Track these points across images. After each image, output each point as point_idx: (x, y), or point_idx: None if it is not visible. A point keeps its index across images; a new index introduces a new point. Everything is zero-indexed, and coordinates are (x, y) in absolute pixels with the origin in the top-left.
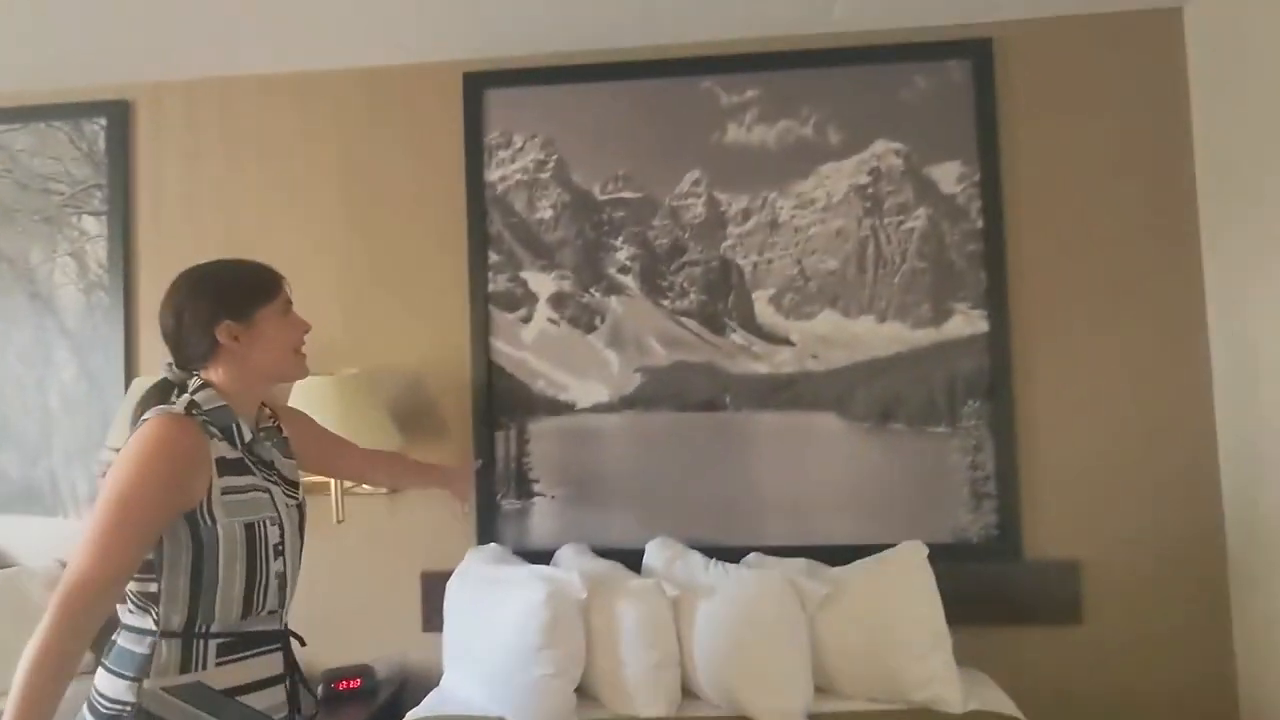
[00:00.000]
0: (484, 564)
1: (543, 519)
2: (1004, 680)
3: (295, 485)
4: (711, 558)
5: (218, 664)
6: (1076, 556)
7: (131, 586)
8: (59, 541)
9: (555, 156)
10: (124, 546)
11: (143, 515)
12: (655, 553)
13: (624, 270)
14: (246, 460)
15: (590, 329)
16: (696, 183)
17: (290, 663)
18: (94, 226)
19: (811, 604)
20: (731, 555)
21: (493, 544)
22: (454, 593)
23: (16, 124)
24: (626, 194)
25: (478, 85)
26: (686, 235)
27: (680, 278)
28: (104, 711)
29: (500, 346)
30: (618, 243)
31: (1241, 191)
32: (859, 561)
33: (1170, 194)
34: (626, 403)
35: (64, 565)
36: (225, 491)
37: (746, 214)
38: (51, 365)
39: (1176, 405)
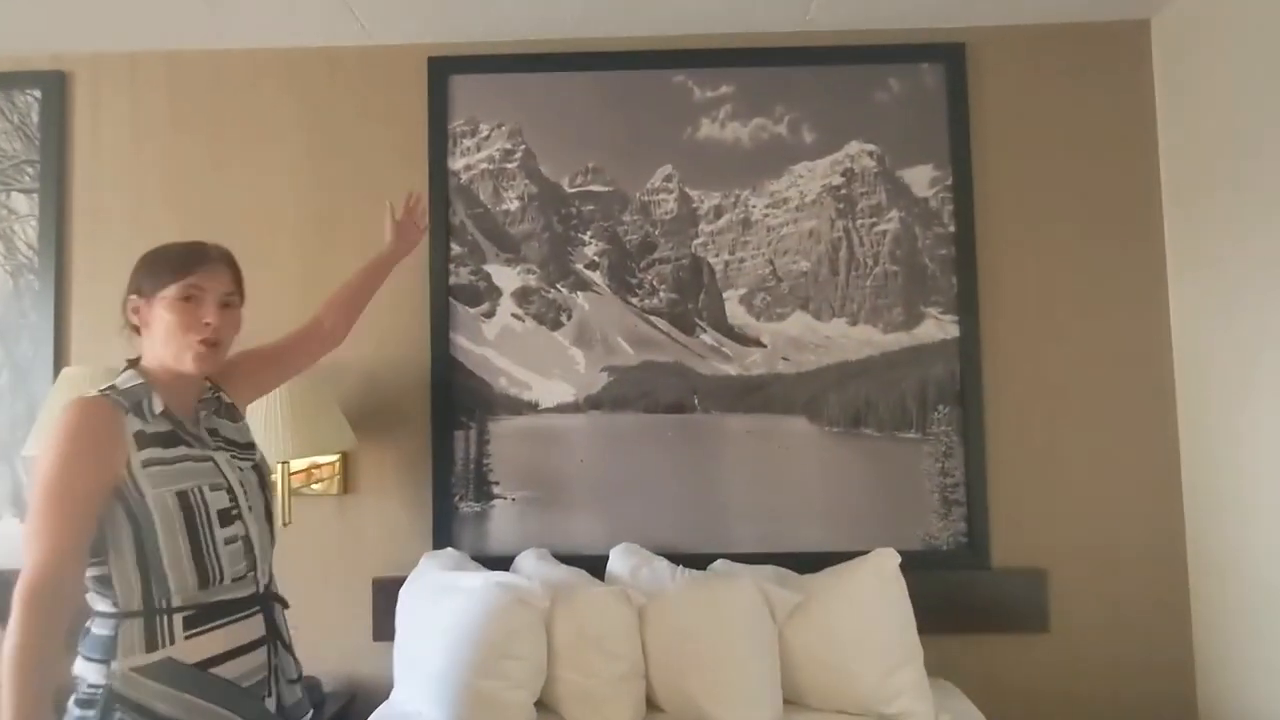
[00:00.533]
0: (439, 570)
1: (502, 523)
2: (971, 689)
3: (248, 446)
4: (678, 565)
5: (186, 637)
6: (1042, 565)
7: (89, 573)
8: None
9: (523, 146)
10: (61, 532)
11: (70, 498)
12: (620, 559)
13: (592, 266)
14: (178, 433)
15: (556, 326)
16: (668, 178)
17: (271, 626)
18: (23, 205)
19: (782, 613)
20: (698, 562)
21: (449, 549)
22: (407, 600)
23: None
24: (596, 187)
25: (443, 70)
26: (657, 231)
27: (650, 275)
28: (83, 697)
29: (461, 342)
30: (586, 237)
31: (1203, 200)
32: (830, 569)
33: (1136, 202)
34: (592, 403)
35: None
36: (148, 464)
37: (719, 211)
38: None
39: (1140, 413)
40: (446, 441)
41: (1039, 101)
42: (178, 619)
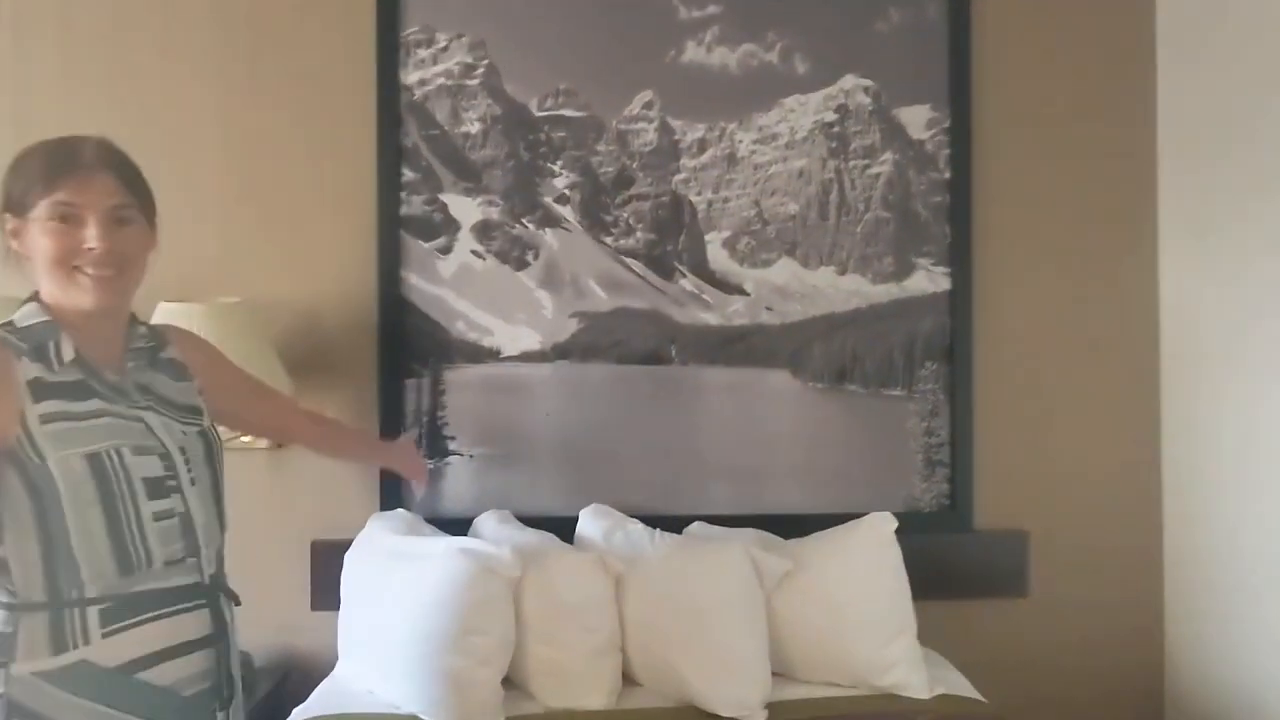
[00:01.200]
0: (391, 533)
1: (458, 482)
2: (952, 655)
3: (191, 410)
4: (654, 528)
5: (104, 634)
6: (1024, 527)
7: None
8: None
9: (486, 61)
10: None
11: None
12: (590, 522)
13: (562, 200)
14: (91, 383)
15: (521, 265)
16: (648, 105)
17: (220, 624)
18: None
19: (771, 581)
20: (673, 524)
21: (400, 510)
22: (353, 566)
23: None
24: (568, 112)
25: None
26: (635, 165)
27: (626, 212)
28: None
29: (413, 280)
30: (556, 168)
31: (1202, 169)
32: (820, 534)
33: (1133, 163)
34: (560, 351)
35: None
36: (48, 418)
37: (702, 145)
38: None
39: (1125, 378)
40: (396, 391)
41: (1043, 50)
42: (92, 612)
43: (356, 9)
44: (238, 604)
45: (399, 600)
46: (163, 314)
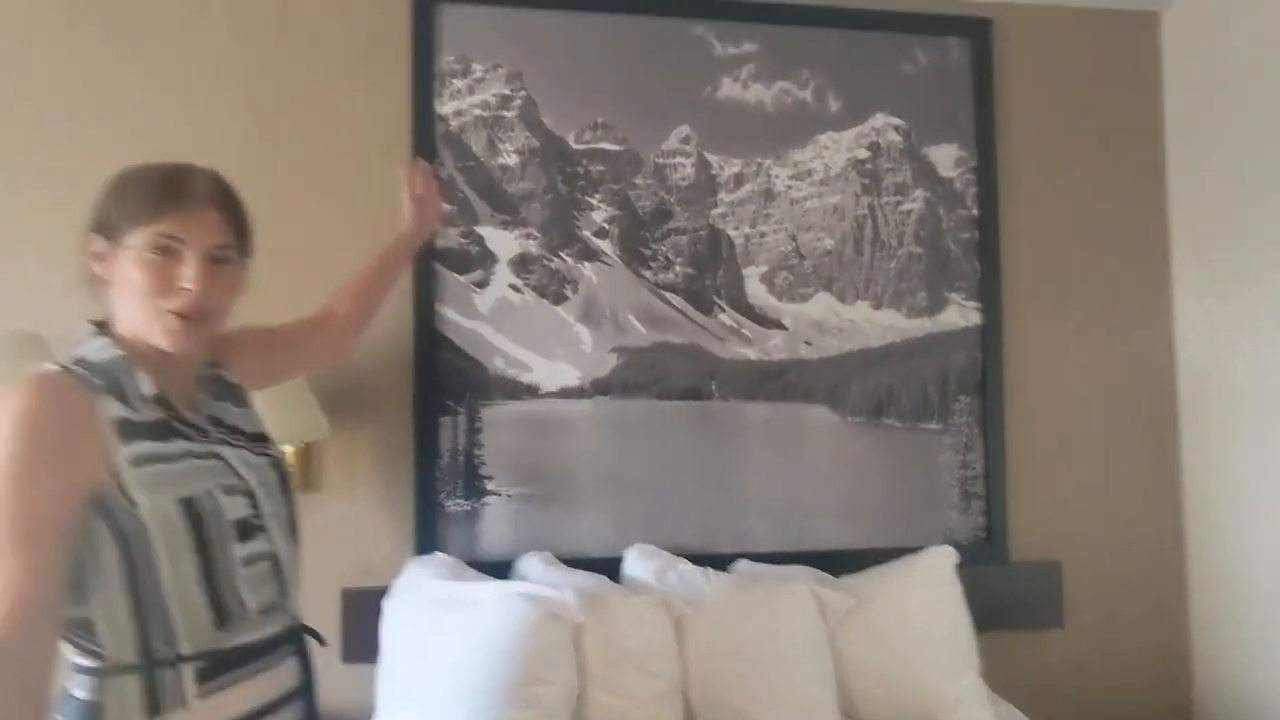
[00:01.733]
0: (434, 579)
1: (496, 523)
2: (993, 688)
3: (260, 438)
4: (702, 566)
5: (201, 695)
6: (1057, 558)
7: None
8: None
9: (523, 93)
10: (25, 567)
11: (27, 510)
12: (638, 563)
13: (601, 234)
14: (173, 422)
15: (560, 299)
16: (686, 140)
17: (308, 673)
18: None
19: (834, 618)
20: (716, 563)
21: (439, 554)
22: (394, 615)
23: None
24: (606, 145)
25: None
26: (673, 199)
27: (664, 246)
28: None
29: (449, 315)
30: (594, 201)
31: (1210, 199)
32: (877, 569)
33: (1148, 199)
34: (599, 387)
35: None
36: (140, 461)
37: (739, 180)
38: None
39: (1147, 411)
40: (431, 429)
41: (1061, 87)
42: (187, 671)
43: (391, 38)
44: (322, 644)
45: (448, 650)
46: None
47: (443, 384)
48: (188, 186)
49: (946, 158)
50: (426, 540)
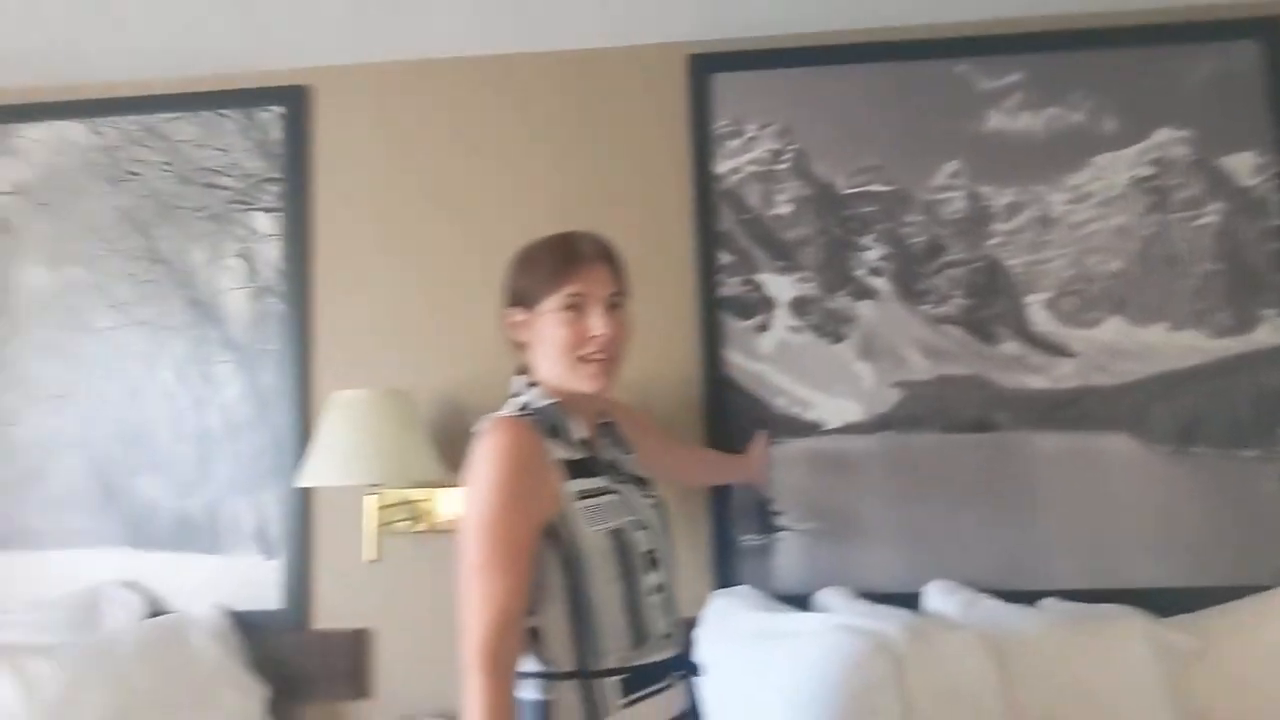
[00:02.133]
0: (745, 610)
1: (789, 557)
2: None
3: (647, 483)
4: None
5: (624, 705)
6: None
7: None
8: (217, 584)
9: (793, 146)
10: (509, 585)
11: (514, 542)
12: (939, 598)
13: (875, 272)
14: (593, 462)
15: (838, 338)
16: (955, 175)
17: (693, 698)
18: (266, 224)
19: (1177, 662)
20: (1019, 601)
21: (744, 586)
22: (709, 645)
23: (180, 112)
24: (875, 187)
25: (704, 69)
26: (946, 233)
27: (940, 280)
28: None
29: (733, 358)
30: (867, 241)
31: None
32: (1218, 609)
33: None
34: (882, 422)
35: (228, 612)
36: (580, 496)
37: (1013, 209)
38: (212, 382)
39: None
40: None
41: None
42: (613, 683)
43: (669, 112)
44: (701, 675)
45: (770, 681)
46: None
47: (731, 424)
48: (581, 249)
49: (1244, 166)
50: (725, 574)
